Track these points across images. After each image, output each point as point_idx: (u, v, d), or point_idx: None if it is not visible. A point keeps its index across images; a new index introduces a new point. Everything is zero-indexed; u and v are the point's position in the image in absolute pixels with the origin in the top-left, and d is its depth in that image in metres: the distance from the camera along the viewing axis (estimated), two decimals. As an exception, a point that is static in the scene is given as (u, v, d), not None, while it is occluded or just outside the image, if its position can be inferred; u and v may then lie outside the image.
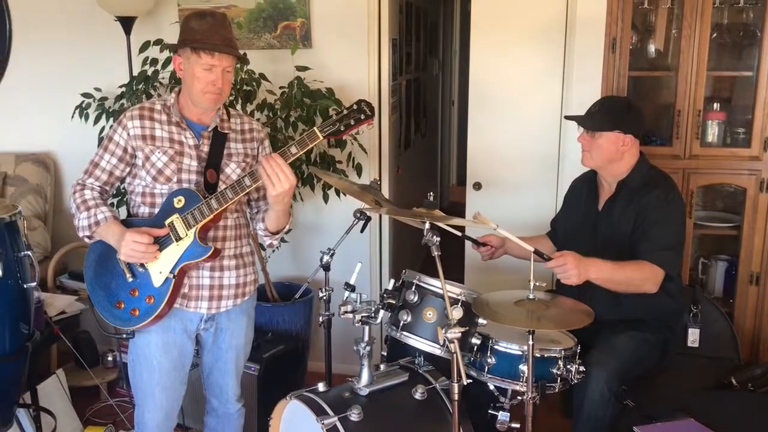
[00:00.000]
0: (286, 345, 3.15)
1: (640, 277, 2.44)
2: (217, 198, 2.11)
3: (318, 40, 3.49)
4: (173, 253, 2.16)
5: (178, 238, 2.15)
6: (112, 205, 2.30)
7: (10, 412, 2.58)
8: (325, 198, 3.32)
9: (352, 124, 2.09)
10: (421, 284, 2.28)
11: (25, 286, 2.46)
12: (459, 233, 2.46)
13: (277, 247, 3.52)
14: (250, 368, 2.94)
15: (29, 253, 2.46)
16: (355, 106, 2.10)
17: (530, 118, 3.44)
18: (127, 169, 2.25)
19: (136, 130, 2.19)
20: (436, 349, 2.26)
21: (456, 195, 7.08)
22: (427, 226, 2.09)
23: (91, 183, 2.23)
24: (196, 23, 2.13)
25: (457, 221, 2.26)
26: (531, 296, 2.18)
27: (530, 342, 2.07)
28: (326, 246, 2.71)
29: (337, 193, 3.32)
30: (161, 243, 2.15)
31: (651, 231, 2.49)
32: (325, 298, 2.70)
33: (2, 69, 3.83)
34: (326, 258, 2.71)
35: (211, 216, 2.13)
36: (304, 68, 3.24)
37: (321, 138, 2.09)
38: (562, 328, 2.26)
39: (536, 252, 2.28)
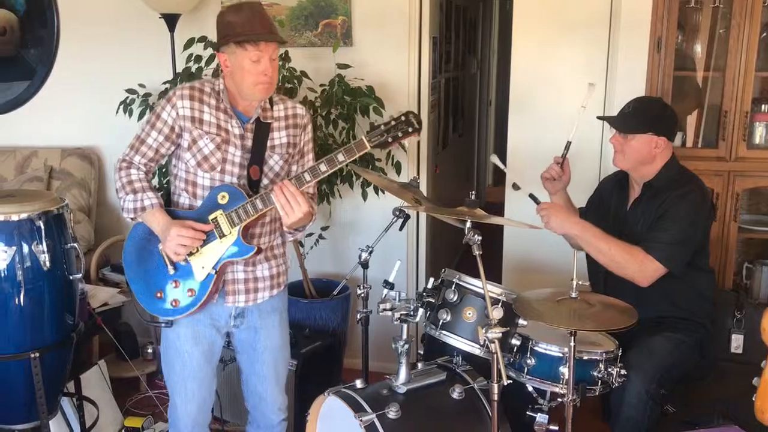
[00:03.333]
0: (323, 341, 3.16)
1: (624, 257, 2.42)
2: (263, 198, 2.11)
3: (359, 38, 3.50)
4: (216, 249, 2.16)
5: (222, 235, 2.15)
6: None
7: (55, 400, 2.63)
8: (364, 196, 3.33)
9: (400, 136, 2.06)
10: (461, 283, 2.28)
11: (71, 277, 2.51)
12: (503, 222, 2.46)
13: (315, 244, 3.54)
14: (288, 364, 2.95)
15: (75, 245, 2.51)
16: (403, 118, 2.06)
17: (571, 118, 3.39)
18: (172, 148, 2.21)
19: (185, 110, 2.15)
20: (475, 349, 2.25)
21: (492, 195, 7.04)
22: (469, 224, 2.08)
23: (138, 160, 2.20)
24: (232, 17, 2.10)
25: (498, 220, 2.24)
26: (574, 295, 2.16)
27: (572, 343, 2.05)
28: (364, 243, 2.72)
29: (376, 191, 3.32)
30: (206, 238, 2.16)
31: (657, 224, 2.47)
32: (363, 295, 2.71)
33: (49, 66, 3.91)
34: (365, 255, 2.73)
35: (256, 216, 2.13)
36: (345, 66, 3.25)
37: (368, 148, 2.07)
38: (605, 329, 2.22)
39: (530, 195, 2.57)
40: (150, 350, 3.64)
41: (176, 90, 2.19)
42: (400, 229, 2.78)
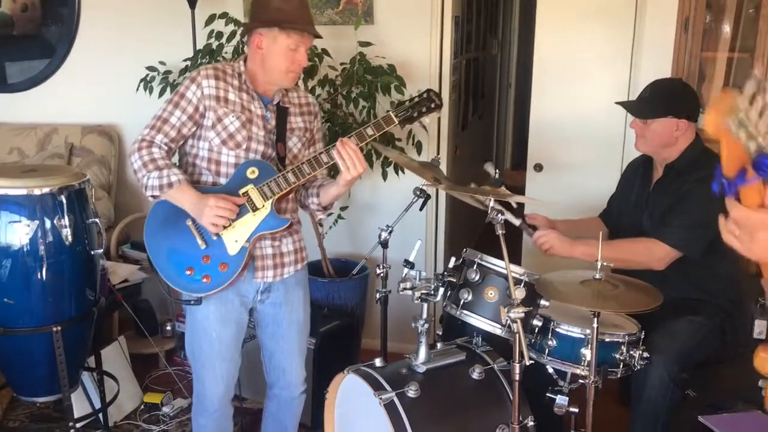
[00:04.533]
0: (341, 320, 3.16)
1: (632, 254, 2.43)
2: (295, 172, 2.14)
3: (380, 16, 3.46)
4: (249, 222, 2.16)
5: (255, 209, 2.15)
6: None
7: (76, 374, 2.66)
8: (384, 175, 3.31)
9: (424, 111, 2.16)
10: (483, 263, 2.26)
11: (92, 252, 2.52)
12: (517, 222, 2.43)
13: (333, 224, 3.54)
14: (307, 342, 2.96)
15: (96, 220, 2.52)
16: (425, 95, 2.16)
17: (595, 98, 3.36)
18: (194, 129, 2.18)
19: (210, 90, 2.15)
20: (497, 329, 2.23)
21: (511, 179, 6.97)
22: (492, 204, 2.06)
23: (159, 139, 2.15)
24: (281, 3, 2.11)
25: (521, 199, 2.23)
26: (598, 276, 2.13)
27: (594, 324, 2.03)
28: (382, 224, 2.71)
29: (396, 170, 3.30)
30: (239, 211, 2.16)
31: (676, 206, 2.44)
32: (382, 275, 2.71)
33: (70, 43, 3.92)
34: (384, 235, 2.72)
35: (288, 189, 2.15)
36: (367, 44, 3.22)
37: (396, 122, 2.17)
38: (629, 310, 2.20)
39: (522, 225, 2.46)
40: (169, 327, 3.66)
41: (200, 69, 2.19)
42: (421, 209, 2.77)
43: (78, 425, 2.63)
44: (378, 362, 2.29)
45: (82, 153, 3.74)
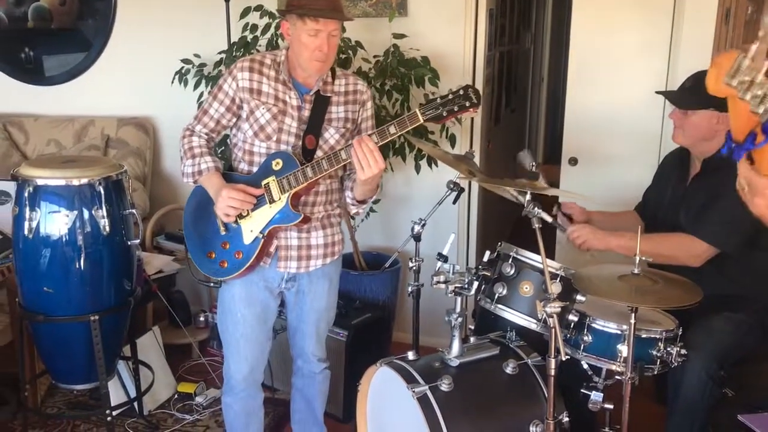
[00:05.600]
0: (373, 313, 3.16)
1: (669, 248, 2.37)
2: (313, 167, 2.13)
3: (414, 8, 3.44)
4: (265, 214, 2.19)
5: (272, 201, 2.18)
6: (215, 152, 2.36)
7: (113, 363, 2.70)
8: (417, 168, 3.30)
9: (456, 110, 2.01)
10: (519, 257, 2.24)
11: (129, 243, 2.56)
12: (550, 219, 2.39)
13: (365, 217, 3.54)
14: (339, 334, 2.97)
15: (133, 211, 2.55)
16: (461, 92, 2.00)
17: (632, 90, 3.30)
18: (234, 120, 2.27)
19: (244, 82, 2.20)
20: (532, 324, 2.21)
21: (544, 173, 6.91)
22: (528, 197, 2.04)
23: (199, 129, 2.28)
24: None
25: (558, 192, 2.20)
26: (636, 271, 2.10)
27: (632, 320, 2.00)
28: (414, 217, 2.70)
29: (429, 163, 3.29)
30: (256, 202, 2.19)
31: (713, 203, 2.37)
32: (415, 268, 2.70)
33: (106, 37, 3.97)
34: (417, 228, 2.71)
35: (305, 184, 2.14)
36: (401, 36, 3.21)
37: (421, 121, 2.03)
38: (668, 306, 2.16)
39: (554, 222, 2.37)
40: (202, 318, 3.69)
41: (237, 62, 2.24)
42: (454, 202, 2.75)
43: (114, 413, 2.67)
44: (411, 355, 2.28)
45: (118, 145, 3.79)
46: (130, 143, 3.79)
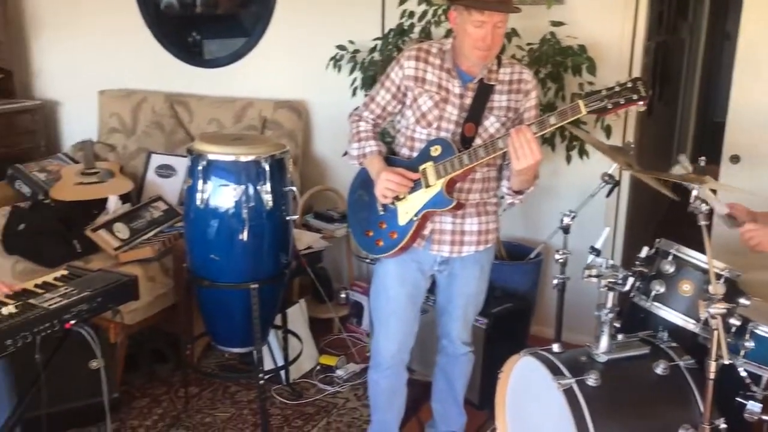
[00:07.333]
0: (513, 304, 3.15)
1: None
2: (469, 155, 2.15)
3: (571, -4, 3.37)
4: (420, 197, 2.25)
5: (428, 185, 2.23)
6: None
7: (267, 330, 2.87)
8: (568, 159, 3.23)
9: (622, 103, 1.94)
10: (680, 255, 2.16)
11: (287, 218, 2.70)
12: (724, 211, 2.25)
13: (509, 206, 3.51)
14: (479, 321, 2.98)
15: (293, 188, 2.69)
16: (629, 84, 1.93)
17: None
18: (399, 107, 2.34)
19: (409, 71, 2.26)
20: (690, 324, 2.13)
21: (695, 169, 6.55)
22: (696, 192, 1.96)
23: (366, 115, 2.38)
24: None
25: (724, 187, 2.09)
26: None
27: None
28: (559, 209, 2.66)
29: (580, 154, 3.21)
30: (413, 186, 2.25)
31: None
32: (561, 260, 2.67)
33: (266, 23, 4.16)
34: (567, 220, 2.68)
35: (460, 171, 2.17)
36: (559, 23, 3.15)
37: (584, 113, 1.97)
38: None
39: (725, 219, 2.18)
40: (343, 295, 3.83)
41: (405, 51, 2.31)
42: (608, 195, 2.69)
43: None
44: (556, 347, 2.26)
45: (274, 126, 3.98)
46: (284, 125, 3.97)
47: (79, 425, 2.83)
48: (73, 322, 1.94)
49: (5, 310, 1.88)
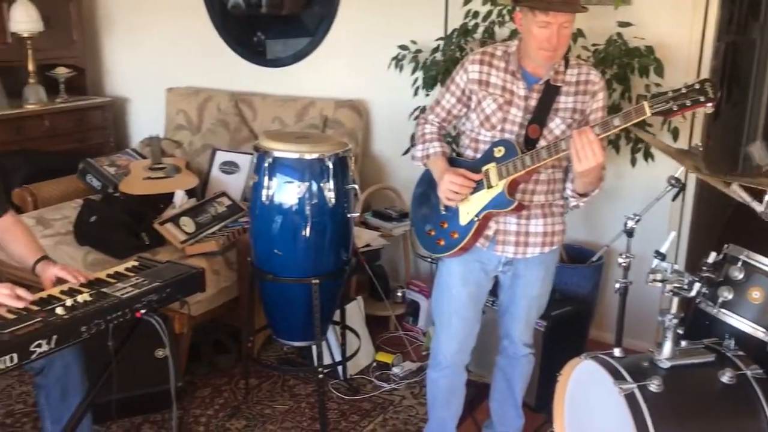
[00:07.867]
0: (572, 307, 3.12)
1: None
2: (532, 156, 2.14)
3: (638, -4, 3.32)
4: (482, 198, 2.25)
5: (490, 186, 2.23)
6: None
7: (326, 325, 2.92)
8: (633, 161, 3.19)
9: (688, 105, 1.90)
10: (750, 261, 2.11)
11: (348, 215, 2.75)
12: None
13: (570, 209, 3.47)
14: (538, 323, 2.96)
15: (355, 186, 2.74)
16: (697, 86, 1.89)
17: None
18: (464, 110, 2.36)
19: (473, 74, 2.27)
20: (759, 332, 2.08)
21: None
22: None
23: (431, 118, 2.41)
24: None
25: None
26: None
27: None
28: (622, 212, 2.63)
29: (645, 157, 3.16)
30: (475, 186, 2.26)
31: None
32: (624, 264, 2.63)
33: (329, 23, 4.22)
34: (631, 224, 2.65)
35: (523, 171, 2.17)
36: (627, 24, 3.10)
37: (649, 114, 1.94)
38: None
39: None
40: (399, 293, 3.85)
41: (470, 55, 2.32)
42: (673, 199, 2.64)
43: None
44: (617, 352, 2.23)
45: (334, 125, 4.03)
46: (345, 124, 4.01)
47: (145, 412, 2.94)
48: (143, 311, 2.01)
49: (81, 298, 1.97)
